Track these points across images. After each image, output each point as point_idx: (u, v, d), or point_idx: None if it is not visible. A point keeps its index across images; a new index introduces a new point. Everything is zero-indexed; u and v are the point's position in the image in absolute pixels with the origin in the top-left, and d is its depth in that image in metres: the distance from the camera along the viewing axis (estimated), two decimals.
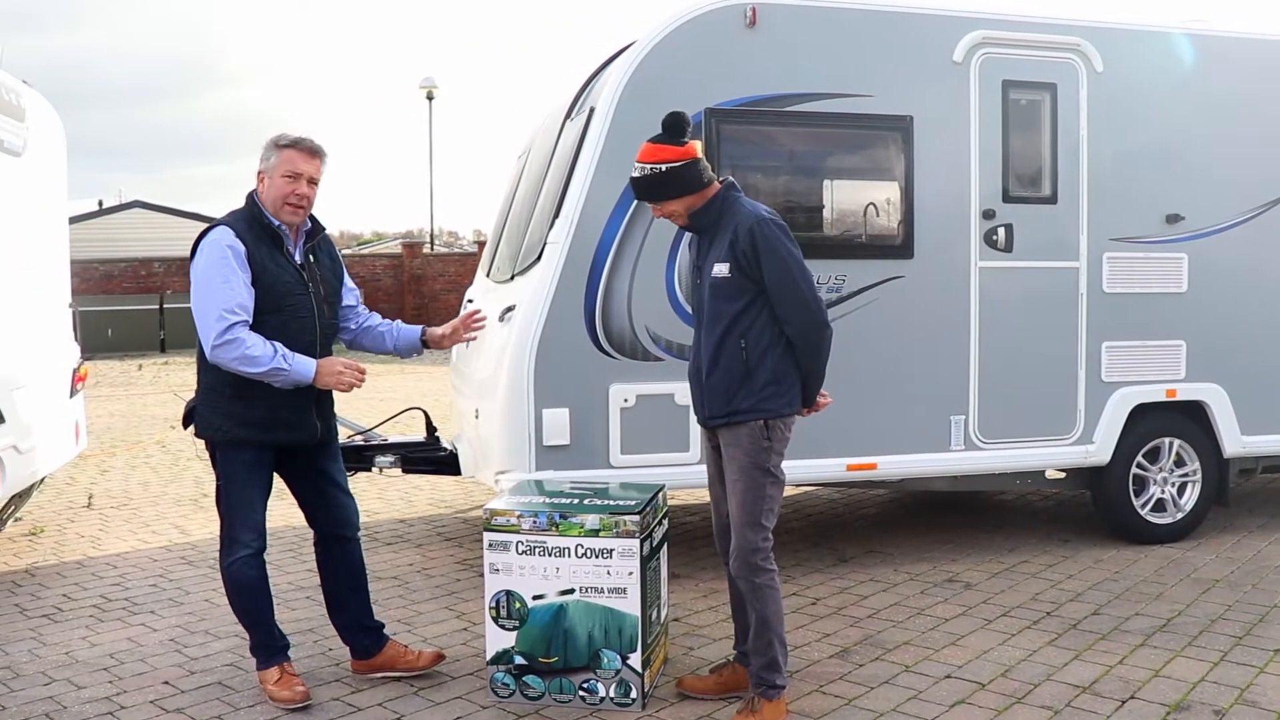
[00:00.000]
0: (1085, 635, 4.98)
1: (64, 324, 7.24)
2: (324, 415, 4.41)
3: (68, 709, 4.30)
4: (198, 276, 4.15)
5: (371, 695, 4.39)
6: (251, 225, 4.24)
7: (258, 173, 4.31)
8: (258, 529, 4.31)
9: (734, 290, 4.00)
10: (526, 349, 5.55)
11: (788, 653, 4.18)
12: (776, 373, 4.01)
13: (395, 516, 7.64)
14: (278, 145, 4.29)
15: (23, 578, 6.11)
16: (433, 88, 31.55)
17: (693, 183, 4.05)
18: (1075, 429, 6.25)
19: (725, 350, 4.04)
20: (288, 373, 4.13)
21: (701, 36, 5.71)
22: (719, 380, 4.06)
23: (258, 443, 4.27)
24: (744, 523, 4.04)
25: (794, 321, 3.98)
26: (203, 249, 4.19)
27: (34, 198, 6.73)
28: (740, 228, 3.97)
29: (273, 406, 4.22)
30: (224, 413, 4.24)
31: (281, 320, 4.21)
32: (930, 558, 6.30)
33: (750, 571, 4.04)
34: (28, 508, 7.65)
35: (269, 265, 4.20)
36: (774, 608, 4.05)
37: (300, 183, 4.26)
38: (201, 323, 4.11)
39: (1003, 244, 6.09)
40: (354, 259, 29.29)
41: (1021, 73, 6.11)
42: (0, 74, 6.57)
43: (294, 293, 4.26)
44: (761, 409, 4.01)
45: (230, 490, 4.29)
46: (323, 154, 4.36)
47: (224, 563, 4.32)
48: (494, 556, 4.28)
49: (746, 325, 4.01)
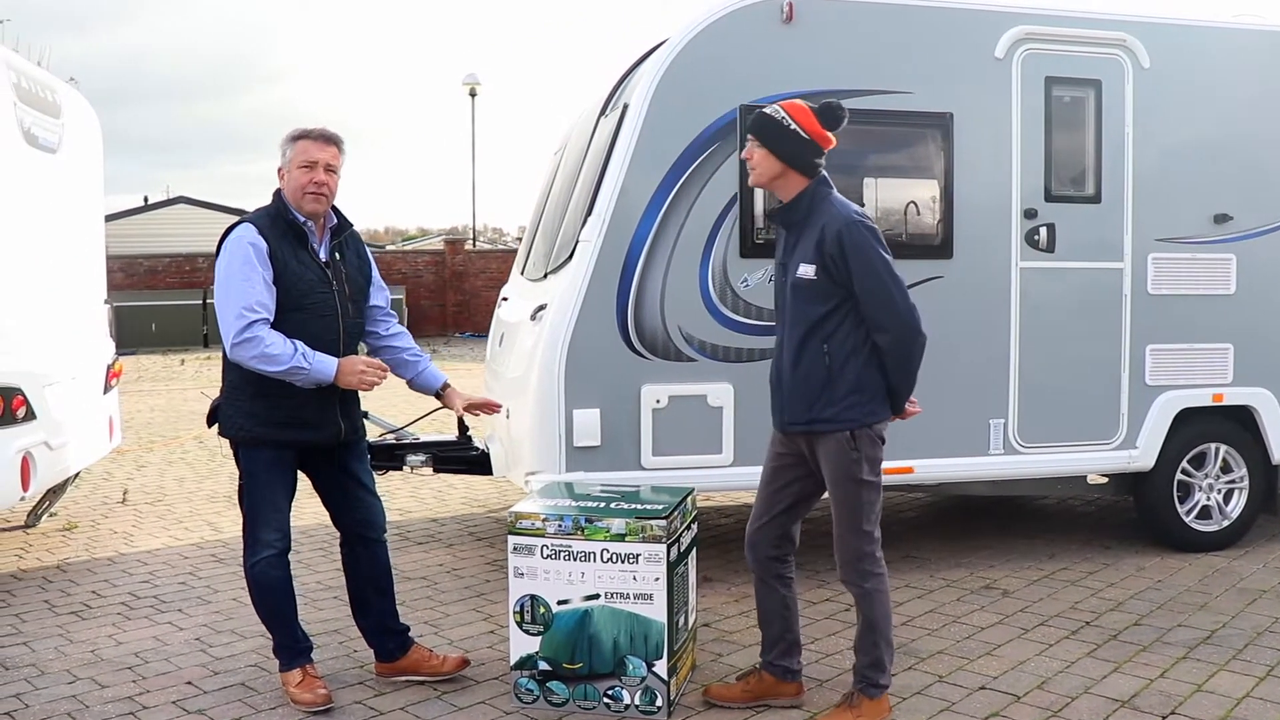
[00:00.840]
0: (1126, 647, 4.85)
1: (100, 320, 7.26)
2: (348, 415, 4.35)
3: (89, 708, 4.28)
4: (220, 274, 4.13)
5: (394, 699, 4.34)
6: (275, 222, 4.20)
7: (278, 170, 4.27)
8: (281, 529, 4.27)
9: (819, 293, 3.87)
10: (557, 348, 5.48)
11: (893, 653, 4.09)
12: (860, 381, 3.89)
13: (428, 515, 7.61)
14: (292, 138, 4.25)
15: (54, 573, 6.12)
16: (475, 84, 31.62)
17: (801, 161, 3.91)
18: (1118, 433, 6.10)
19: (807, 355, 3.93)
20: (308, 371, 4.08)
21: (737, 32, 5.61)
22: (799, 386, 3.95)
23: (279, 442, 4.22)
24: (846, 529, 3.98)
25: (887, 329, 3.85)
26: (225, 246, 4.16)
27: (69, 194, 6.74)
28: (829, 228, 3.83)
29: (294, 406, 4.18)
30: (246, 411, 4.20)
31: (303, 318, 4.16)
32: (968, 564, 6.17)
33: (859, 577, 3.98)
34: (63, 503, 7.69)
35: (291, 262, 4.16)
36: (882, 611, 3.98)
37: (317, 170, 4.20)
38: (222, 320, 4.08)
39: (1045, 244, 5.95)
40: (397, 255, 29.39)
41: (1065, 69, 5.97)
42: (37, 71, 6.60)
43: (316, 290, 4.21)
44: (844, 419, 3.89)
45: (252, 489, 4.26)
46: (338, 141, 4.31)
47: (247, 563, 4.29)
48: (518, 560, 4.21)
49: (830, 330, 3.89)
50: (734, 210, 5.61)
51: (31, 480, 5.67)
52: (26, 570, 6.20)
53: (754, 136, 3.99)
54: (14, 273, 5.81)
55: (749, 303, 5.65)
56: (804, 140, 3.91)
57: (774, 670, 4.25)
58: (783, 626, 4.25)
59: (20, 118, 5.97)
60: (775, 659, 4.26)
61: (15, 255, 5.86)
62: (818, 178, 3.98)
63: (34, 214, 6.15)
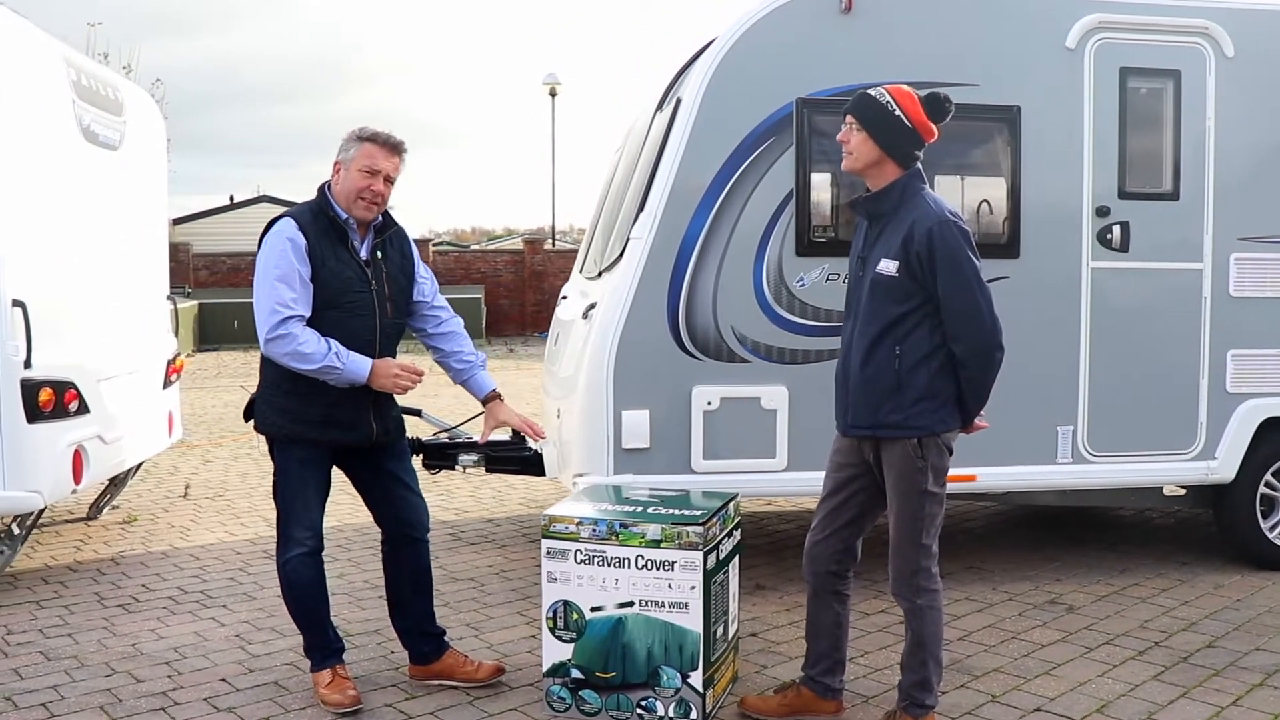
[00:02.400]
0: (1196, 670, 4.57)
1: (161, 316, 7.30)
2: (381, 416, 4.26)
3: (122, 702, 4.26)
4: (257, 267, 4.07)
5: (425, 703, 4.25)
6: (317, 218, 4.12)
7: (335, 163, 4.17)
8: (313, 527, 4.21)
9: (899, 292, 3.67)
10: (606, 348, 5.36)
11: (942, 673, 3.90)
12: (931, 388, 3.69)
13: (484, 516, 7.53)
14: (359, 137, 4.15)
15: (108, 566, 6.15)
16: (556, 84, 31.69)
17: (900, 149, 3.72)
18: (1196, 443, 5.80)
19: (877, 355, 3.73)
20: (341, 371, 4.01)
21: (793, 23, 5.43)
22: (866, 387, 3.76)
23: (312, 441, 4.16)
24: (903, 540, 3.79)
25: (965, 340, 3.65)
26: (265, 241, 4.09)
27: (130, 190, 6.78)
28: (919, 225, 3.62)
29: (328, 405, 4.10)
30: (280, 408, 4.14)
31: (339, 316, 4.08)
32: (1033, 577, 5.91)
33: (912, 592, 3.79)
34: (125, 496, 7.76)
35: (330, 260, 4.08)
36: (932, 629, 3.79)
37: (377, 179, 4.12)
38: (257, 315, 4.02)
39: (1118, 243, 5.68)
40: (476, 255, 29.59)
41: (1141, 59, 5.68)
42: (99, 70, 6.65)
43: (354, 289, 4.13)
44: (911, 425, 3.70)
45: (285, 487, 4.20)
46: (403, 151, 4.21)
47: (279, 559, 4.23)
48: (552, 565, 4.09)
49: (905, 332, 3.69)
50: (790, 207, 5.43)
51: (84, 473, 5.69)
52: (83, 562, 6.24)
53: (854, 118, 3.79)
54: (69, 268, 5.84)
55: (805, 303, 5.47)
56: (906, 128, 3.72)
57: (814, 686, 4.08)
58: (831, 644, 4.08)
59: (79, 115, 6.00)
60: (818, 675, 4.09)
61: (71, 250, 5.89)
62: (912, 170, 3.77)
63: (92, 210, 6.19)
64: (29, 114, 5.47)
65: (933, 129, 3.76)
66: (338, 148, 4.19)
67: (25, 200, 5.37)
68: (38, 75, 5.64)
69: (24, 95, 5.42)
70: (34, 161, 5.50)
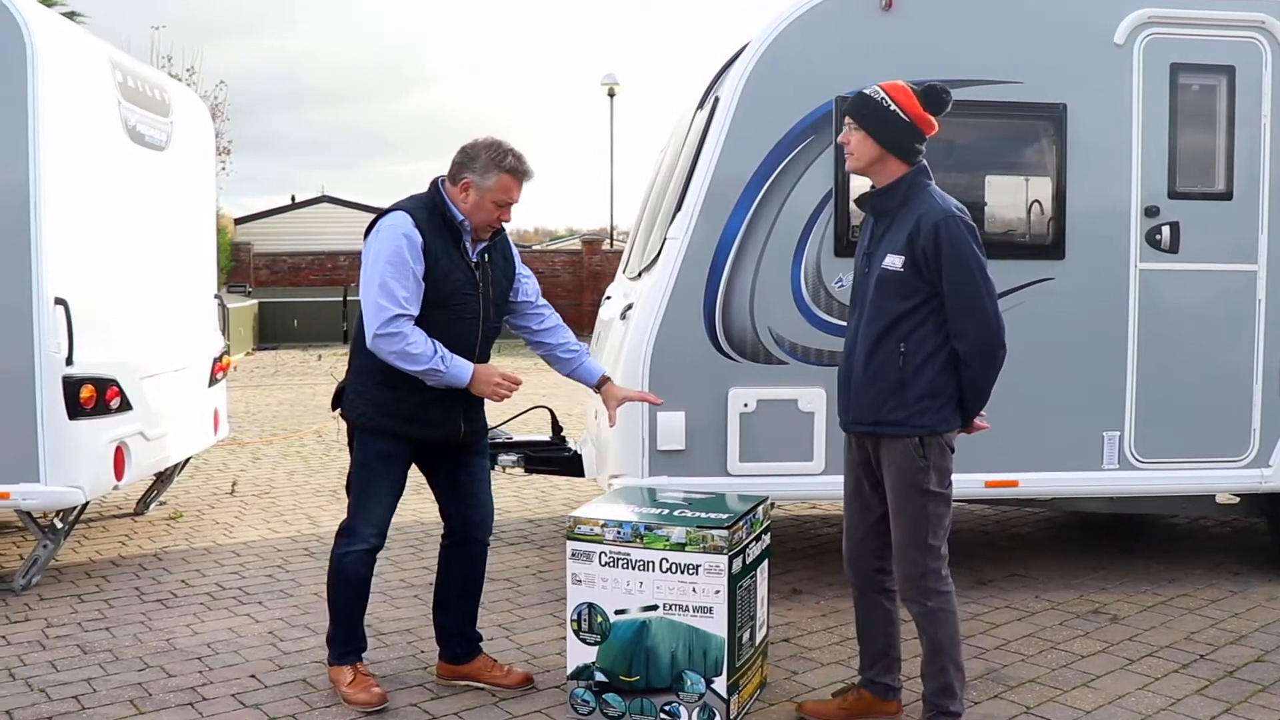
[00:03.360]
0: (1242, 685, 4.42)
1: (208, 314, 7.38)
2: (470, 417, 4.26)
3: (152, 696, 4.30)
4: (369, 259, 4.02)
5: (450, 704, 4.23)
6: (433, 215, 4.09)
7: (462, 179, 4.08)
8: (379, 525, 4.19)
9: (904, 288, 3.63)
10: (642, 349, 5.33)
11: (964, 677, 3.82)
12: (934, 386, 3.65)
13: (526, 516, 7.53)
14: (499, 166, 4.06)
15: (150, 561, 6.23)
16: (614, 84, 31.70)
17: (901, 145, 3.69)
18: (1248, 450, 5.62)
19: (881, 352, 3.69)
20: (443, 374, 4.00)
21: (833, 20, 5.36)
22: (869, 384, 3.73)
23: (397, 435, 4.14)
24: (908, 544, 3.72)
25: (967, 337, 3.61)
26: (379, 232, 4.05)
27: (178, 190, 6.86)
28: (924, 220, 3.59)
29: (422, 402, 4.10)
30: (370, 398, 4.14)
31: (447, 317, 4.07)
32: (1078, 585, 5.78)
33: (920, 595, 3.72)
34: (173, 491, 7.86)
35: (443, 260, 4.06)
36: (947, 632, 3.71)
37: (509, 210, 4.15)
38: (366, 307, 4.00)
39: (1167, 244, 5.53)
40: (534, 255, 29.69)
41: (1193, 55, 5.53)
42: (147, 71, 6.74)
43: (463, 291, 4.11)
44: (914, 424, 3.66)
45: (361, 480, 4.19)
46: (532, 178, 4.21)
47: (336, 550, 4.21)
48: (576, 567, 4.06)
49: (909, 328, 3.65)
50: (828, 207, 5.36)
51: (126, 470, 5.76)
52: (126, 557, 6.32)
53: (851, 118, 3.76)
54: (113, 267, 5.92)
55: (844, 304, 5.38)
56: (904, 123, 3.67)
57: (874, 688, 4.02)
58: (885, 642, 4.02)
59: (125, 116, 6.08)
60: (876, 676, 4.03)
61: (115, 250, 5.96)
62: (917, 165, 3.73)
63: (138, 209, 6.26)
64: (73, 115, 5.55)
65: (932, 121, 3.71)
66: (466, 157, 4.09)
67: (69, 200, 5.44)
68: (82, 77, 5.71)
69: (68, 96, 5.50)
70: (78, 162, 5.57)
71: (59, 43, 5.50)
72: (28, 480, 5.30)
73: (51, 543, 5.72)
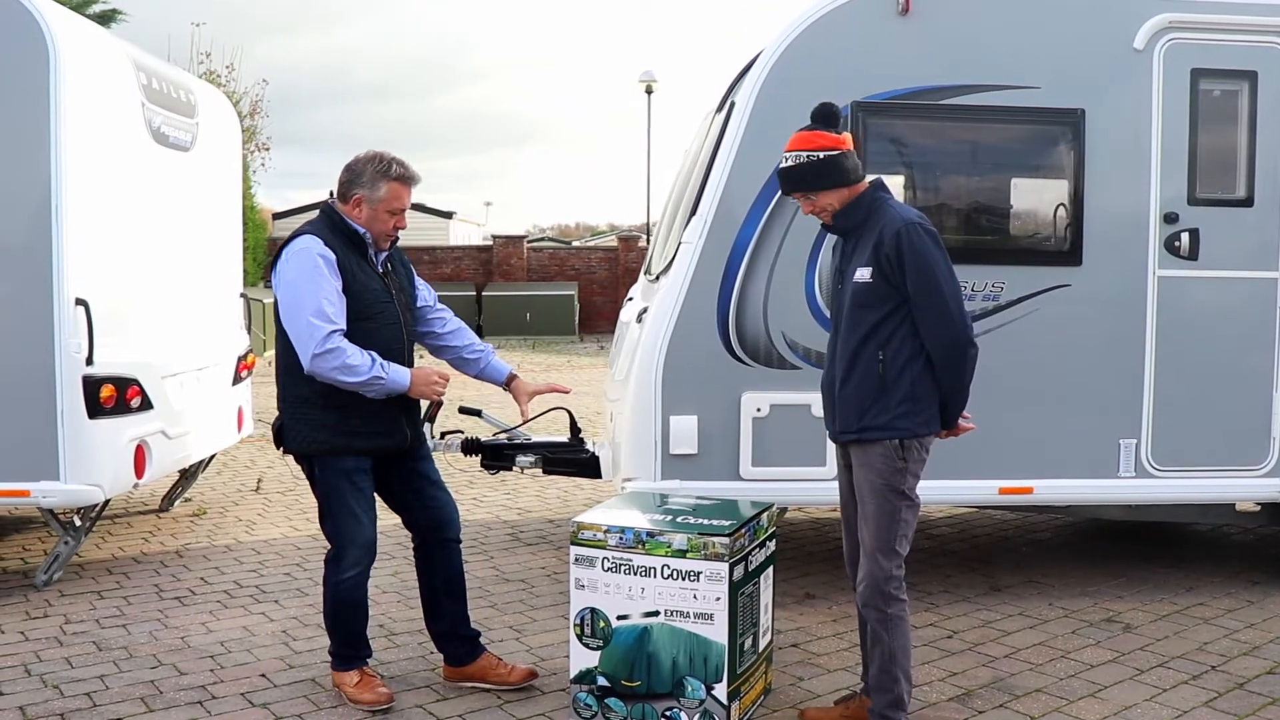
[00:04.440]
0: (1251, 698, 4.38)
1: (233, 313, 7.46)
2: (412, 423, 4.35)
3: (163, 694, 4.37)
4: (288, 286, 4.07)
5: (455, 705, 4.27)
6: (335, 233, 4.17)
7: (353, 195, 4.18)
8: (367, 545, 4.24)
9: (875, 297, 3.74)
10: (655, 353, 5.34)
11: (912, 688, 3.87)
12: (914, 390, 3.74)
13: (546, 516, 7.57)
14: (386, 175, 4.18)
15: (171, 558, 6.31)
16: (652, 81, 31.65)
17: (849, 173, 3.82)
18: (1267, 459, 5.57)
19: (861, 361, 3.78)
20: (384, 381, 4.05)
21: (849, 25, 5.35)
22: (852, 393, 3.81)
23: (357, 450, 4.18)
24: (876, 549, 3.78)
25: (935, 337, 3.70)
26: (289, 257, 4.11)
27: (203, 191, 6.94)
28: (886, 230, 3.71)
29: (367, 416, 4.15)
30: (318, 424, 4.15)
31: (372, 328, 4.13)
32: (1093, 593, 5.74)
33: (882, 600, 3.77)
34: (199, 488, 7.96)
35: (358, 273, 4.14)
36: (902, 641, 3.79)
37: (403, 217, 4.25)
38: (296, 334, 4.04)
39: (1186, 251, 5.48)
40: (570, 251, 29.76)
41: (1214, 60, 5.48)
42: (173, 73, 6.82)
43: (381, 300, 4.19)
44: (896, 427, 3.74)
45: (334, 503, 4.21)
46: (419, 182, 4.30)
47: (330, 578, 4.26)
48: (580, 571, 4.08)
49: (886, 336, 3.74)
50: None
51: (146, 468, 5.84)
52: (148, 554, 6.41)
53: (801, 192, 3.90)
54: (135, 267, 6.00)
55: None
56: (834, 157, 3.80)
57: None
58: None
59: (149, 118, 6.16)
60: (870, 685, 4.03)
61: (137, 250, 6.04)
62: (873, 181, 3.89)
63: (161, 210, 6.34)
64: (94, 117, 5.62)
65: (844, 138, 3.83)
66: (351, 174, 4.20)
67: (90, 202, 5.52)
68: (104, 79, 5.79)
69: (90, 99, 5.57)
70: (99, 164, 5.65)
71: (81, 45, 5.57)
72: (48, 478, 5.39)
73: (72, 540, 5.81)
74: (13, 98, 5.34)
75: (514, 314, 24.61)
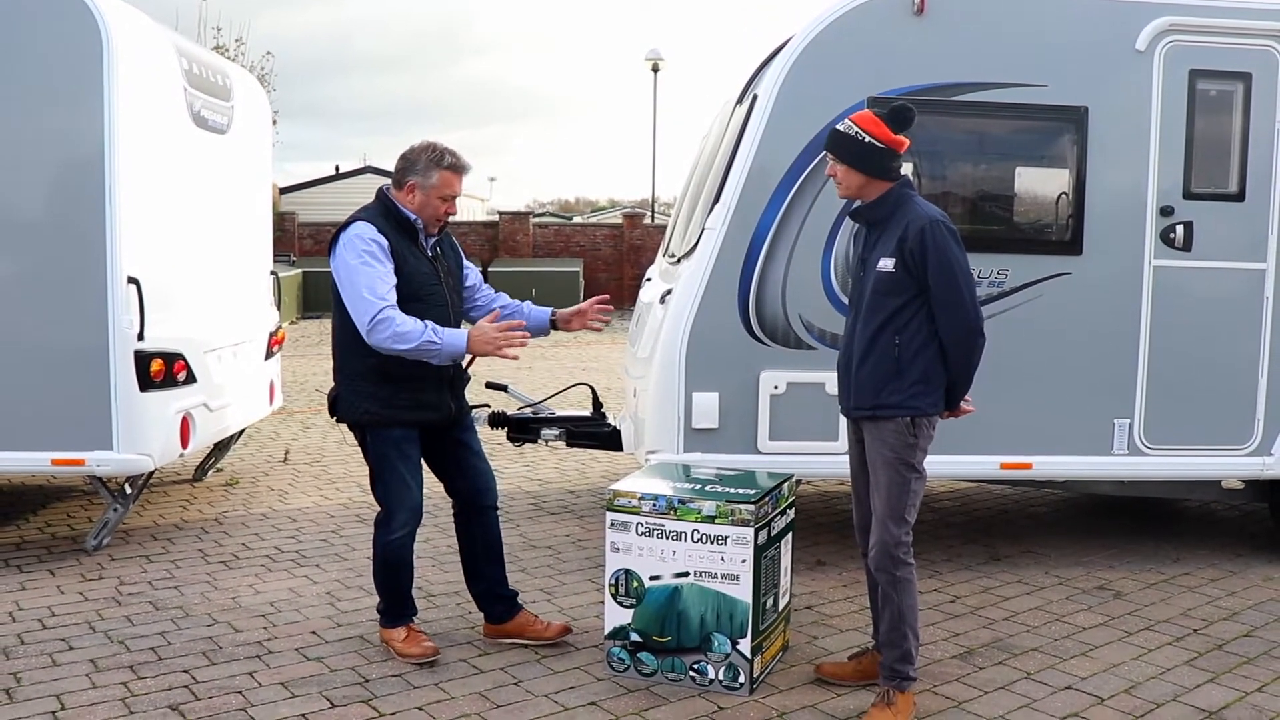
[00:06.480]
0: (1228, 657, 4.74)
1: (264, 290, 7.76)
2: (457, 397, 4.66)
3: (222, 649, 4.68)
4: (343, 269, 4.36)
5: (496, 659, 4.60)
6: (388, 219, 4.46)
7: (407, 182, 4.47)
8: (414, 507, 4.56)
9: (896, 286, 4.03)
10: (679, 333, 5.65)
11: (919, 645, 4.18)
12: (926, 372, 4.04)
13: (566, 487, 7.88)
14: (439, 165, 4.46)
15: (211, 525, 6.63)
16: (658, 59, 31.82)
17: (882, 169, 4.08)
18: (1251, 439, 5.91)
19: (879, 344, 4.08)
20: (439, 345, 4.30)
21: (867, 23, 5.64)
22: (869, 373, 4.10)
23: (404, 422, 4.50)
24: (887, 517, 4.08)
25: (949, 326, 4.01)
26: (345, 243, 4.39)
27: (238, 172, 7.22)
28: (912, 226, 4.00)
29: (415, 390, 4.46)
30: (370, 395, 4.46)
31: (423, 309, 4.41)
32: (1086, 562, 6.09)
33: (892, 564, 4.08)
34: (229, 459, 8.27)
35: (409, 257, 4.43)
36: (910, 601, 4.09)
37: (453, 204, 4.54)
38: (353, 311, 4.32)
39: (1181, 242, 5.80)
40: (575, 228, 29.94)
41: (1212, 61, 5.78)
42: (211, 58, 7.09)
43: (430, 283, 4.50)
44: (909, 405, 4.04)
45: (384, 471, 4.53)
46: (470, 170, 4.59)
47: (379, 539, 4.57)
48: (615, 535, 4.41)
49: (903, 322, 4.04)
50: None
51: (191, 439, 6.15)
52: (188, 521, 6.73)
53: (832, 154, 4.16)
54: (180, 247, 6.29)
55: None
56: (879, 150, 4.06)
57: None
58: None
59: (190, 101, 6.44)
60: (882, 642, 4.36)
61: (183, 231, 6.34)
62: (902, 179, 4.14)
63: (202, 191, 6.63)
64: (144, 103, 5.90)
65: (903, 141, 4.09)
66: (407, 162, 4.49)
67: (140, 185, 5.80)
68: (152, 66, 6.07)
69: (140, 86, 5.84)
70: (148, 147, 5.93)
71: (131, 34, 5.84)
72: (101, 448, 5.70)
73: (121, 506, 6.12)
74: (70, 87, 5.60)
75: (520, 290, 24.44)
